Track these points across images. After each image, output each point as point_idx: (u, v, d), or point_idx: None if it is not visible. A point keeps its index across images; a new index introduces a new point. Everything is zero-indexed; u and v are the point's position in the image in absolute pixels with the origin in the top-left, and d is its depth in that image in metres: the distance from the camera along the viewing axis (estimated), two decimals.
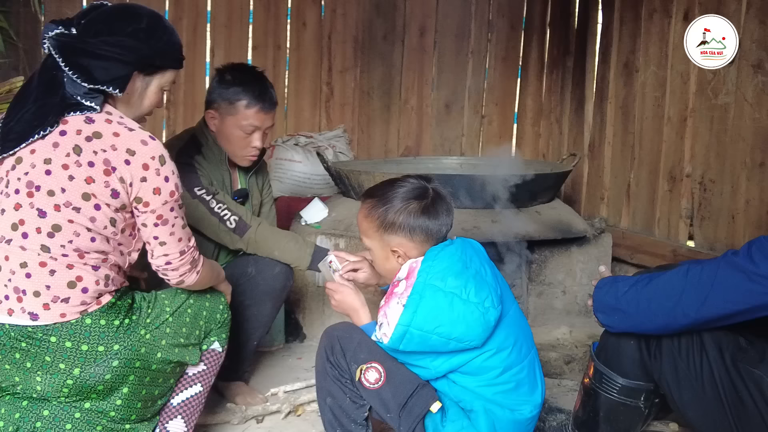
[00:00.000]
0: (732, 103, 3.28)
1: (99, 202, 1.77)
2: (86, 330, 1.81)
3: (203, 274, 1.99)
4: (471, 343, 1.87)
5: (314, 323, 3.28)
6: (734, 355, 1.83)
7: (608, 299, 1.96)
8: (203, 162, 2.58)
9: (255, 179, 2.84)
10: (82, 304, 1.80)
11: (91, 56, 1.77)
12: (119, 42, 1.80)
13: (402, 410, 1.87)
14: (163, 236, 1.86)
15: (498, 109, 5.18)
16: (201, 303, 2.07)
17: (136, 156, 1.77)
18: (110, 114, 1.82)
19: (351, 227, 3.19)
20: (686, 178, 3.58)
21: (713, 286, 1.75)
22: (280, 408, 2.50)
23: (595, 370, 2.07)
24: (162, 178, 1.81)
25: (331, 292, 2.12)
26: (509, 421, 1.94)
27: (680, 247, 3.59)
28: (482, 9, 5.08)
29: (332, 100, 5.01)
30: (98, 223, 1.78)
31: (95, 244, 1.80)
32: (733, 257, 1.75)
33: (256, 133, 2.59)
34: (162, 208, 1.83)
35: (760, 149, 3.16)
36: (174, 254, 1.89)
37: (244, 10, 4.75)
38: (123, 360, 1.84)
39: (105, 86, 1.79)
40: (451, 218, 2.04)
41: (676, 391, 1.92)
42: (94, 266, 1.81)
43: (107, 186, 1.77)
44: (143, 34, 1.84)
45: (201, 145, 2.62)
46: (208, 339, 2.10)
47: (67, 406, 1.84)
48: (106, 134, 1.77)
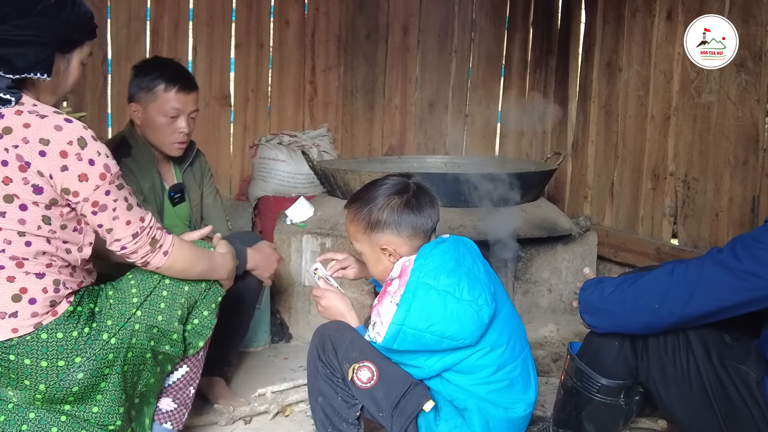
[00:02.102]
0: (715, 101, 3.31)
1: (24, 202, 1.66)
2: (42, 345, 1.73)
3: (178, 256, 1.84)
4: (465, 342, 1.86)
5: (300, 323, 3.26)
6: (720, 352, 1.85)
7: (594, 300, 1.96)
8: (133, 165, 2.59)
9: (191, 173, 2.82)
10: (33, 315, 1.71)
11: (6, 44, 1.64)
12: (32, 23, 1.66)
13: (394, 410, 1.86)
14: (106, 223, 1.73)
15: (481, 108, 5.18)
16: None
17: (50, 145, 1.64)
18: (22, 104, 1.67)
19: (337, 226, 3.18)
20: (669, 177, 3.61)
21: (698, 284, 1.76)
22: (268, 408, 2.48)
23: (576, 370, 2.07)
24: (86, 162, 1.66)
25: (317, 298, 2.11)
26: (503, 419, 1.94)
27: (664, 245, 3.61)
28: (465, 8, 5.08)
29: (315, 98, 4.99)
30: (29, 225, 1.67)
31: (32, 248, 1.69)
32: (718, 254, 1.77)
33: (180, 117, 2.60)
34: (95, 194, 1.69)
35: (743, 147, 3.19)
36: (126, 238, 1.75)
37: (226, 8, 4.71)
38: (88, 371, 1.77)
39: (30, 73, 1.66)
40: (437, 210, 2.04)
41: (664, 390, 1.92)
42: (37, 274, 1.71)
43: (26, 183, 1.64)
44: (54, 10, 1.69)
45: (131, 147, 2.62)
46: (197, 312, 1.97)
47: (51, 410, 1.79)
48: (16, 128, 1.64)
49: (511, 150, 5.10)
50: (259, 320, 3.08)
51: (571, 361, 2.10)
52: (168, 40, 4.58)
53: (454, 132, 5.19)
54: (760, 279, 1.69)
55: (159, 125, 2.59)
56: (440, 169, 4.02)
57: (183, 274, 1.91)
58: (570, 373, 2.10)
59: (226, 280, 2.07)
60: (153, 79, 2.57)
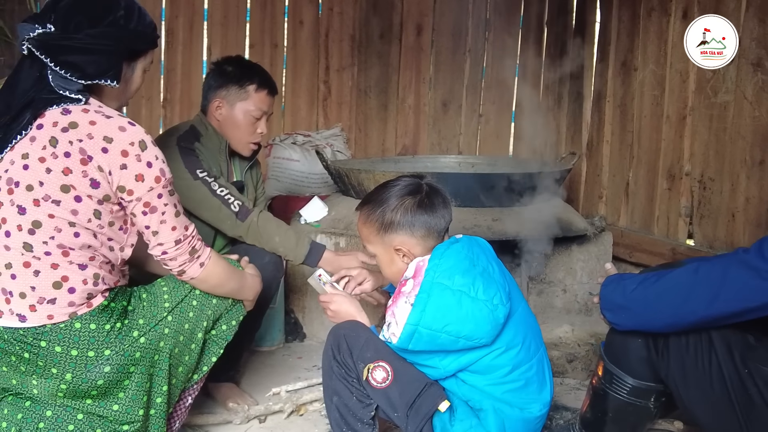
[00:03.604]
0: (731, 101, 3.29)
1: (79, 194, 1.72)
2: (75, 334, 1.76)
3: (213, 271, 1.92)
4: (480, 341, 1.86)
5: (314, 322, 3.27)
6: (743, 354, 1.82)
7: (616, 297, 1.95)
8: (203, 149, 2.59)
9: (250, 174, 2.84)
10: (70, 305, 1.75)
11: (79, 52, 1.73)
12: (104, 33, 1.76)
13: (410, 410, 1.86)
14: (154, 225, 1.79)
15: (495, 108, 5.17)
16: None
17: (113, 143, 1.72)
18: (89, 104, 1.77)
19: (351, 226, 3.18)
20: (685, 177, 3.58)
21: (723, 284, 1.74)
22: (282, 408, 2.48)
23: (605, 371, 2.05)
24: (144, 163, 1.75)
25: (326, 304, 2.11)
26: (518, 419, 1.93)
27: (679, 245, 3.58)
28: (479, 7, 5.07)
29: (329, 98, 5.00)
30: (81, 216, 1.73)
31: (80, 239, 1.74)
32: (744, 255, 1.74)
33: (263, 117, 2.67)
34: (148, 195, 1.76)
35: (760, 147, 3.16)
36: (169, 243, 1.82)
37: (240, 8, 4.73)
38: (115, 365, 1.80)
39: (100, 80, 1.76)
40: (450, 211, 2.04)
41: (684, 390, 1.90)
42: (80, 265, 1.76)
43: (85, 176, 1.71)
44: (123, 21, 1.80)
45: (200, 134, 2.63)
46: (217, 325, 2.02)
47: (69, 407, 1.81)
48: (82, 123, 1.72)
49: (525, 150, 5.08)
50: (273, 319, 3.09)
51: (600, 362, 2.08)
52: (183, 40, 4.60)
53: (467, 132, 5.19)
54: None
55: (242, 124, 2.64)
56: (454, 168, 4.01)
57: (214, 289, 1.97)
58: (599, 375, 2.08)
59: (249, 302, 2.12)
60: (245, 78, 2.62)
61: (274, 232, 2.52)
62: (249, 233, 2.50)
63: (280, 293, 3.07)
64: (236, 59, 2.76)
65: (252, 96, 2.62)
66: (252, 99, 2.62)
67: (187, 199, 2.44)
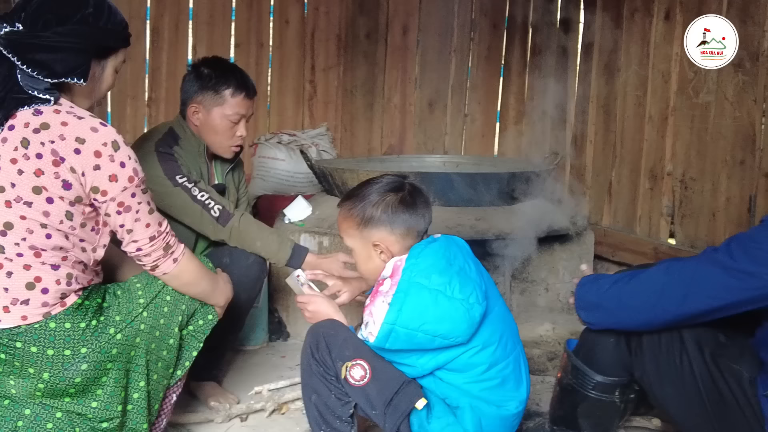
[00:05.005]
0: (713, 101, 3.32)
1: (51, 195, 1.71)
2: (50, 334, 1.76)
3: (186, 268, 1.92)
4: (456, 340, 1.87)
5: (298, 321, 3.27)
6: (714, 351, 1.85)
7: (590, 296, 1.97)
8: (182, 153, 2.57)
9: (232, 176, 2.83)
10: (44, 305, 1.75)
11: (47, 50, 1.72)
12: (72, 30, 1.74)
13: (387, 407, 1.87)
14: (128, 224, 1.79)
15: (481, 108, 5.19)
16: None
17: (86, 144, 1.71)
18: (60, 104, 1.75)
19: (335, 225, 3.15)
20: (667, 177, 3.61)
21: (694, 283, 1.77)
22: (264, 406, 2.49)
23: (572, 367, 2.08)
24: (117, 164, 1.74)
25: (303, 304, 2.11)
26: (495, 417, 1.94)
27: (661, 244, 3.61)
28: (465, 7, 5.08)
29: (315, 98, 5.01)
30: (53, 218, 1.72)
31: (52, 240, 1.74)
32: (713, 253, 1.77)
33: (241, 121, 2.63)
34: (122, 194, 1.76)
35: (741, 147, 3.19)
36: (143, 240, 1.82)
37: (226, 8, 4.73)
38: (92, 363, 1.80)
39: (68, 78, 1.74)
40: (430, 212, 2.05)
41: (658, 387, 1.93)
42: (53, 265, 1.75)
43: (57, 177, 1.70)
44: (92, 18, 1.78)
45: (179, 137, 2.61)
46: (194, 321, 2.03)
47: (48, 406, 1.81)
48: (54, 124, 1.71)
49: (510, 149, 5.10)
50: (256, 319, 3.10)
51: (567, 358, 2.11)
52: (168, 39, 4.60)
53: (453, 131, 5.20)
54: (755, 278, 1.69)
55: (220, 128, 2.61)
56: (438, 168, 4.02)
57: (186, 287, 1.97)
58: (566, 370, 2.11)
59: (220, 308, 2.11)
60: (221, 83, 2.57)
61: (255, 236, 2.52)
62: (231, 237, 2.51)
63: (263, 292, 3.07)
64: (213, 61, 2.70)
65: (228, 101, 2.58)
66: (228, 104, 2.58)
67: (168, 206, 2.44)
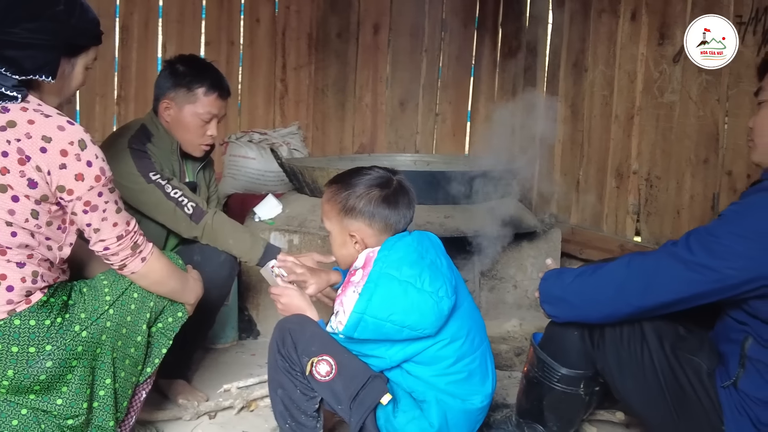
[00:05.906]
0: (677, 101, 3.38)
1: (16, 194, 1.69)
2: (15, 331, 1.75)
3: (154, 266, 1.91)
4: (424, 332, 1.90)
5: (268, 319, 3.27)
6: (674, 344, 1.89)
7: (554, 290, 2.01)
8: (155, 150, 2.56)
9: (203, 174, 2.83)
10: (8, 303, 1.74)
11: (16, 47, 1.70)
12: (42, 27, 1.72)
13: (353, 402, 1.88)
14: (95, 223, 1.78)
15: (452, 107, 5.23)
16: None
17: (52, 143, 1.69)
18: (27, 102, 1.73)
19: (305, 223, 3.19)
20: (633, 175, 3.67)
21: (654, 276, 1.81)
22: (233, 404, 2.49)
23: (537, 360, 2.11)
24: (84, 163, 1.72)
25: (276, 296, 2.12)
26: (460, 410, 1.97)
27: (627, 242, 3.67)
28: (436, 8, 5.12)
29: (286, 97, 5.01)
30: (18, 216, 1.71)
31: (17, 238, 1.72)
32: (673, 247, 1.81)
33: (213, 120, 2.62)
34: (89, 194, 1.74)
35: (704, 146, 3.25)
36: (111, 240, 1.81)
37: (196, 6, 4.72)
38: (57, 360, 1.79)
39: (36, 75, 1.73)
40: (412, 212, 2.08)
41: (620, 380, 1.97)
42: (18, 263, 1.74)
43: (23, 176, 1.69)
44: (63, 15, 1.76)
45: (151, 134, 2.60)
46: (163, 318, 2.02)
47: (13, 403, 1.80)
48: (20, 123, 1.69)
49: (481, 148, 5.13)
50: (226, 317, 3.09)
51: (533, 351, 2.14)
52: (138, 37, 4.57)
53: (424, 130, 5.23)
54: (713, 272, 1.73)
55: (192, 127, 2.60)
56: (409, 166, 4.04)
57: (155, 285, 1.96)
58: (532, 363, 2.14)
59: (190, 306, 2.11)
60: (195, 81, 2.56)
61: (228, 234, 2.52)
62: (204, 235, 2.51)
63: (233, 291, 3.07)
64: (189, 59, 2.69)
65: (200, 99, 2.57)
66: (200, 102, 2.57)
67: (141, 203, 2.44)
